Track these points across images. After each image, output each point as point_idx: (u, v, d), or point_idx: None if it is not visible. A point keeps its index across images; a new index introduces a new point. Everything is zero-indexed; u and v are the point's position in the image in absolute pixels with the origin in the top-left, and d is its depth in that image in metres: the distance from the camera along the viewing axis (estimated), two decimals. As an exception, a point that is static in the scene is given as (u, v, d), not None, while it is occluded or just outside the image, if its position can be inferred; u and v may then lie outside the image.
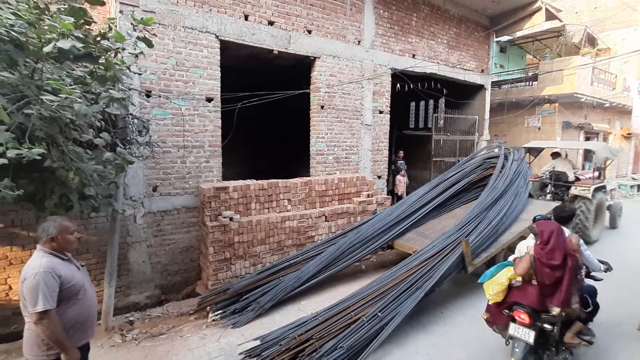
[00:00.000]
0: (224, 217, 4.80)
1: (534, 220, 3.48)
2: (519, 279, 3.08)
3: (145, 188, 4.87)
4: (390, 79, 7.59)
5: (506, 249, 5.14)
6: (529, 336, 2.92)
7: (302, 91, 6.42)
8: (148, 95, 4.74)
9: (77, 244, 2.37)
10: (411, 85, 7.93)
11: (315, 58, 6.41)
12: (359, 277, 5.44)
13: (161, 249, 5.08)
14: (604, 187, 7.69)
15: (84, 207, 3.26)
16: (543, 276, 2.90)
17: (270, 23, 5.80)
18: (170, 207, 5.10)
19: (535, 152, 8.58)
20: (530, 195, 6.71)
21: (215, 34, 5.22)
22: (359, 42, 6.97)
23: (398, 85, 7.88)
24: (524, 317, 2.96)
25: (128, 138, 3.82)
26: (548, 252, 2.89)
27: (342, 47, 6.72)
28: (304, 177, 6.16)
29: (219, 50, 5.30)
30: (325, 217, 5.83)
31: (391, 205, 6.61)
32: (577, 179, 7.70)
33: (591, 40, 14.56)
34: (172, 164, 5.05)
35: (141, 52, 3.13)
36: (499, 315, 3.23)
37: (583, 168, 9.46)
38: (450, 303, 4.60)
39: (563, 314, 2.89)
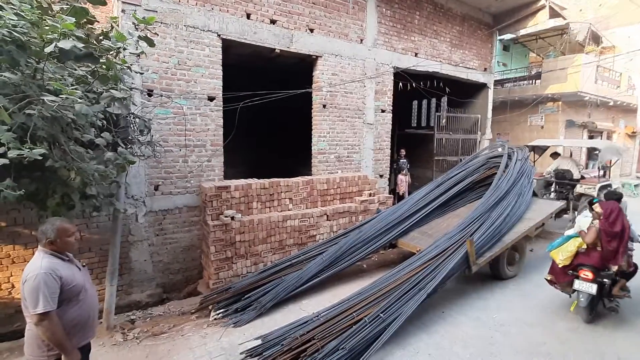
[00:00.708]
0: (226, 216, 4.80)
1: (591, 202, 4.32)
2: (585, 246, 4.13)
3: (147, 187, 4.88)
4: (392, 77, 7.55)
5: (510, 248, 5.12)
6: (592, 289, 3.89)
7: (304, 90, 6.40)
8: (150, 95, 4.74)
9: (77, 245, 2.37)
10: (413, 84, 7.89)
11: (317, 57, 6.39)
12: (360, 277, 5.43)
13: (163, 247, 5.09)
14: (609, 185, 7.65)
15: (86, 206, 3.27)
16: (606, 243, 3.91)
17: (273, 22, 5.78)
18: (172, 206, 5.11)
19: (539, 150, 8.55)
20: (534, 194, 6.68)
21: (217, 33, 5.21)
22: (361, 40, 6.93)
23: (400, 84, 7.85)
24: (588, 274, 3.95)
25: (130, 137, 3.82)
26: (611, 224, 3.88)
27: (345, 45, 6.69)
28: (306, 176, 6.15)
29: (220, 49, 5.29)
30: (327, 216, 5.82)
31: (393, 204, 6.60)
32: (582, 178, 7.65)
33: (595, 38, 14.43)
34: (173, 163, 5.05)
35: (142, 52, 3.12)
36: (562, 276, 4.25)
37: (587, 167, 9.41)
38: (451, 302, 4.58)
39: (618, 271, 3.91)
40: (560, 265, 4.23)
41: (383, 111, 7.53)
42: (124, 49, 2.92)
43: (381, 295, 3.93)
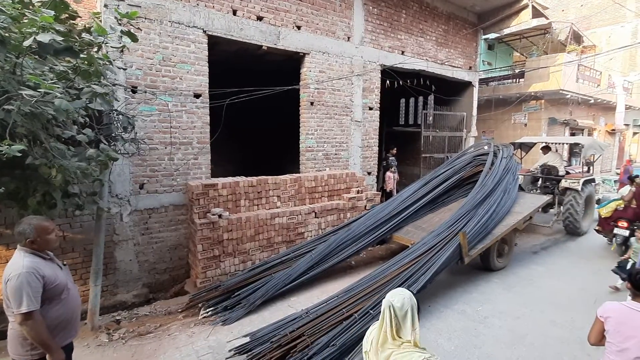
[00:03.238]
0: (213, 215, 4.77)
1: (631, 178, 6.67)
2: (622, 206, 6.25)
3: (132, 185, 4.80)
4: (379, 75, 7.60)
5: (500, 240, 5.36)
6: (626, 233, 5.81)
7: (291, 87, 6.39)
8: (134, 91, 4.66)
9: (58, 242, 2.32)
10: (400, 82, 7.96)
11: (304, 54, 6.38)
12: (349, 273, 5.47)
13: (148, 247, 5.02)
14: (592, 180, 7.93)
15: (68, 205, 3.20)
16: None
17: (259, 18, 5.74)
18: (158, 204, 5.04)
19: (526, 147, 8.77)
20: (521, 189, 6.87)
21: (202, 29, 5.15)
22: (348, 38, 6.96)
23: (388, 81, 7.91)
24: (624, 223, 5.90)
25: (113, 134, 3.76)
26: None
27: (332, 43, 6.70)
28: (294, 174, 6.15)
29: (206, 45, 5.23)
30: (315, 213, 5.84)
31: (381, 202, 6.67)
32: (567, 173, 7.90)
33: (577, 38, 14.81)
34: (159, 161, 4.98)
35: (124, 47, 3.06)
36: (606, 225, 6.34)
37: (570, 163, 9.69)
38: (437, 296, 4.67)
39: None
40: (603, 217, 6.41)
41: (371, 109, 7.58)
42: (106, 43, 2.85)
43: (371, 291, 3.97)
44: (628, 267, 4.61)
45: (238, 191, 5.18)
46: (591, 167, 8.27)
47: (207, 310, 4.18)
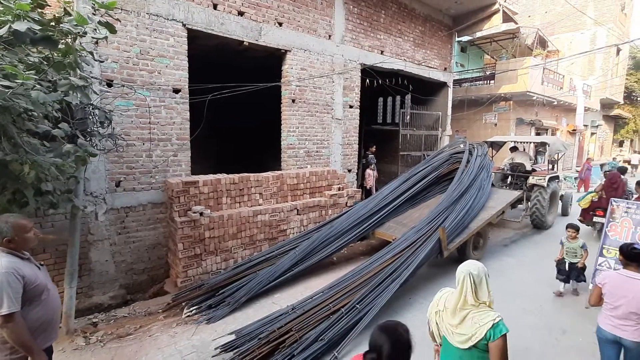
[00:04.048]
0: (194, 212, 4.68)
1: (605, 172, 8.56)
2: (597, 197, 7.26)
3: (108, 183, 4.61)
4: (359, 74, 7.71)
5: (475, 234, 5.64)
6: (603, 220, 5.87)
7: (273, 84, 6.35)
8: (109, 85, 4.47)
9: (36, 241, 2.22)
10: (379, 81, 8.11)
11: (286, 51, 6.36)
12: (331, 269, 5.54)
13: (126, 247, 4.85)
14: (557, 177, 8.45)
15: (41, 203, 3.05)
16: (608, 193, 7.00)
17: (240, 13, 5.67)
18: (135, 203, 4.88)
19: (497, 146, 9.19)
20: (493, 185, 7.23)
21: (182, 22, 5.02)
22: (329, 36, 7.00)
23: (367, 80, 8.03)
24: (601, 212, 6.86)
25: (88, 130, 3.60)
26: (612, 183, 7.17)
27: (313, 40, 6.72)
28: (276, 171, 6.13)
29: (186, 39, 5.10)
30: (297, 210, 5.86)
31: (361, 199, 6.78)
32: (534, 170, 8.37)
33: (542, 43, 15.67)
34: (136, 157, 4.81)
35: (105, 37, 2.94)
36: (587, 215, 7.41)
37: (536, 161, 10.27)
38: (417, 289, 4.82)
39: None
40: (583, 208, 7.50)
41: (351, 107, 7.67)
42: (84, 33, 2.73)
43: (357, 286, 4.05)
44: (566, 268, 4.80)
45: (220, 189, 5.11)
46: (556, 165, 8.81)
47: (192, 308, 4.11)
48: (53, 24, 2.53)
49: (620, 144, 26.38)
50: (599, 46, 17.72)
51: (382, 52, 8.08)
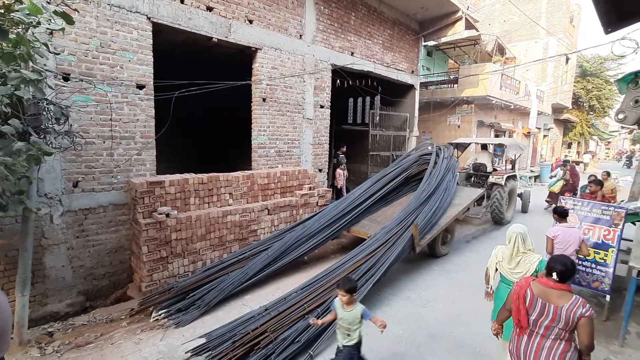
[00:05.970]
0: (160, 214, 4.51)
1: (566, 162, 10.13)
2: (565, 182, 9.65)
3: (64, 184, 4.32)
4: (330, 74, 7.78)
5: (444, 230, 5.97)
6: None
7: (243, 82, 6.25)
8: (66, 79, 4.19)
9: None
10: (350, 82, 8.23)
11: (256, 49, 6.28)
12: (302, 269, 5.56)
13: (84, 251, 4.58)
14: (514, 176, 9.09)
15: (-12, 206, 2.81)
16: (573, 179, 9.74)
17: (209, 9, 5.52)
18: (95, 204, 4.61)
19: (462, 147, 9.67)
20: (458, 184, 7.65)
21: (146, 15, 4.81)
22: (300, 36, 7.00)
23: (338, 81, 8.12)
24: (568, 193, 8.63)
25: (42, 126, 3.36)
26: (573, 171, 9.83)
27: (284, 39, 6.69)
28: (246, 171, 6.04)
29: (151, 33, 4.89)
30: (268, 210, 5.81)
31: (332, 198, 6.87)
32: (494, 170, 8.94)
33: (501, 50, 16.60)
34: (96, 156, 4.55)
35: (62, 29, 2.75)
36: (555, 198, 9.13)
37: (499, 161, 10.93)
38: (385, 285, 4.97)
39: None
40: (554, 192, 9.69)
41: (322, 107, 7.72)
42: (39, 23, 2.54)
43: (331, 286, 4.08)
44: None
45: (187, 189, 4.96)
46: (514, 165, 9.44)
47: (160, 312, 3.96)
48: (2, 11, 2.33)
49: (569, 145, 28.62)
50: (551, 55, 19.11)
51: (352, 54, 8.21)
